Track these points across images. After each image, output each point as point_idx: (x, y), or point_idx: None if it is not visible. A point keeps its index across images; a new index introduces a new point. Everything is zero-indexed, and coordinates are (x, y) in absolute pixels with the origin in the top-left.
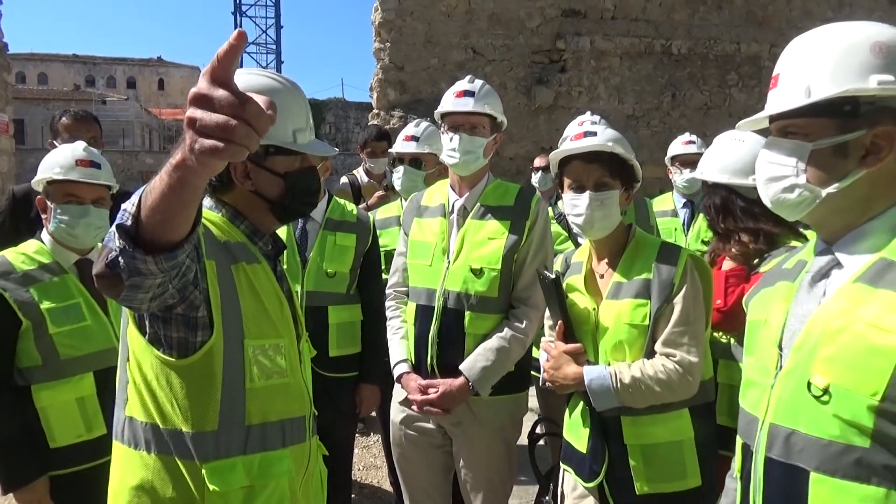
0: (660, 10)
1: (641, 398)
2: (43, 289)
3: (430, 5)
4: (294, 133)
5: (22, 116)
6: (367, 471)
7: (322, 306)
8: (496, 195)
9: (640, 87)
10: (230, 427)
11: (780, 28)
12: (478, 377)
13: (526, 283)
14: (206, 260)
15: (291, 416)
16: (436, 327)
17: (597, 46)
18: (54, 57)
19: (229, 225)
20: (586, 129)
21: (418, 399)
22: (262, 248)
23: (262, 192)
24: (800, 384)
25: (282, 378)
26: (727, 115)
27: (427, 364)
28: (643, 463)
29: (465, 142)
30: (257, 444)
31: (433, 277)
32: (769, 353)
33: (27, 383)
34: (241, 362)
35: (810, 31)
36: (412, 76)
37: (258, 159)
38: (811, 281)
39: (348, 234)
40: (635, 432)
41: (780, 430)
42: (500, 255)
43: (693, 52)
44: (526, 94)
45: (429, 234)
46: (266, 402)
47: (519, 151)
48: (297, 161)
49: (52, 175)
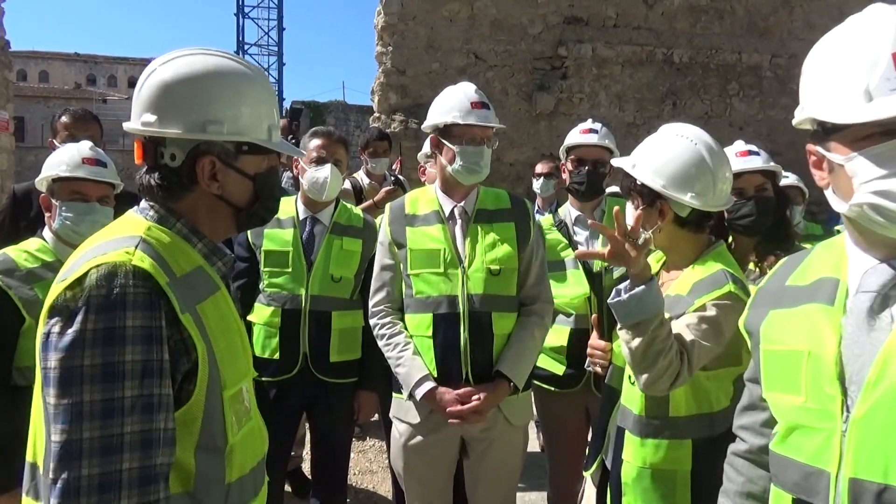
0: (662, 19)
1: (660, 342)
2: (47, 287)
3: (433, 10)
4: (269, 129)
5: (22, 114)
6: (362, 475)
7: (326, 311)
8: (491, 200)
9: (640, 95)
10: (209, 487)
11: (781, 38)
12: (520, 375)
13: (535, 280)
14: (182, 316)
15: (258, 459)
16: (466, 333)
17: (598, 54)
18: (56, 55)
19: (184, 246)
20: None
21: (463, 409)
22: (220, 268)
23: (229, 196)
24: (888, 429)
25: (249, 422)
26: (727, 124)
27: (462, 373)
28: (632, 481)
29: (486, 155)
30: (235, 501)
31: (451, 284)
32: (826, 392)
33: (28, 383)
34: (222, 416)
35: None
36: (414, 80)
37: (229, 158)
38: (874, 305)
39: (355, 238)
40: (633, 451)
41: (867, 487)
42: (515, 254)
43: (694, 61)
44: (527, 101)
45: (430, 241)
46: (243, 453)
47: (519, 157)
48: (265, 161)
49: (58, 172)
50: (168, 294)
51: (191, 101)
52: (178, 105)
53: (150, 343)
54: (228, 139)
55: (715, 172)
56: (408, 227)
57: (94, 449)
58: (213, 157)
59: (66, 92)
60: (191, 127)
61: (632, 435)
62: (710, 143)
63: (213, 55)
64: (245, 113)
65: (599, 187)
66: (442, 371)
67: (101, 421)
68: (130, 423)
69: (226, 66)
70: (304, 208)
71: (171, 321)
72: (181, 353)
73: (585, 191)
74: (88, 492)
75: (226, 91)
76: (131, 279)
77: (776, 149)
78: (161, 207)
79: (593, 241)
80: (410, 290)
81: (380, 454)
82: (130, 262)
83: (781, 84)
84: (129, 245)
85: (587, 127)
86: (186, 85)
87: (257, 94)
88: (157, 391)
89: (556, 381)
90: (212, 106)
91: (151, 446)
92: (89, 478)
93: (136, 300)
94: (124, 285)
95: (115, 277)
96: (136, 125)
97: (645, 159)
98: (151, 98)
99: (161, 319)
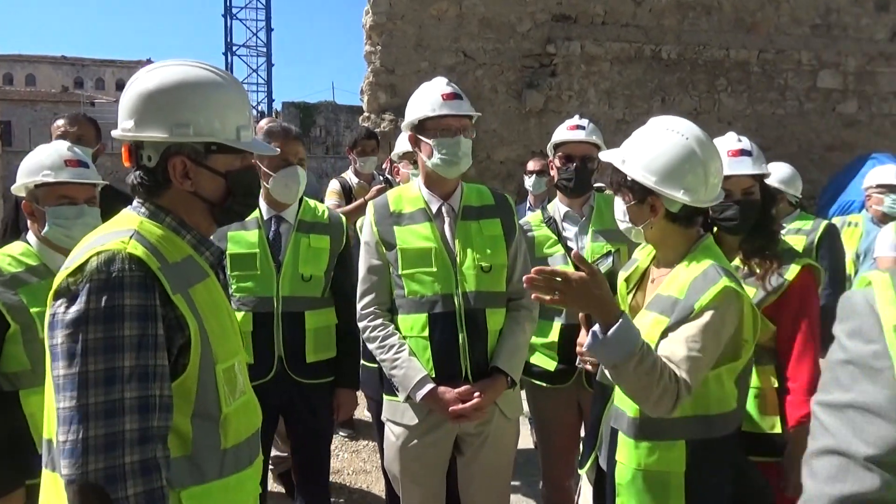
0: (650, 16)
1: (644, 377)
2: (31, 292)
3: (422, 9)
4: (238, 130)
5: (9, 118)
6: (356, 475)
7: (298, 311)
8: (474, 196)
9: (629, 92)
10: (206, 451)
11: (768, 34)
12: (516, 369)
13: (522, 274)
14: (174, 296)
15: (252, 431)
16: (464, 331)
17: (587, 51)
18: (42, 58)
19: (174, 238)
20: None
21: (466, 408)
22: (208, 258)
23: (202, 192)
24: None
25: (243, 395)
26: (716, 119)
27: (461, 371)
28: (626, 482)
29: (464, 145)
30: (231, 466)
31: (445, 283)
32: None
33: (14, 388)
34: (216, 387)
35: None
36: (403, 79)
37: (199, 158)
38: None
39: (322, 235)
40: (627, 453)
41: None
42: (504, 250)
43: (682, 57)
44: (516, 98)
45: (420, 240)
46: (237, 423)
47: (510, 155)
48: (237, 160)
49: (42, 178)
50: (160, 278)
51: (162, 107)
52: (151, 111)
53: (146, 320)
54: (195, 140)
55: (707, 167)
56: (395, 227)
57: (99, 413)
58: (183, 158)
59: (54, 95)
60: (161, 130)
61: (626, 437)
62: (701, 137)
63: (189, 66)
64: (212, 116)
65: (588, 183)
66: (440, 370)
67: (105, 388)
68: (129, 389)
69: (196, 75)
70: (268, 207)
71: (164, 301)
72: (175, 329)
73: (574, 187)
74: (96, 450)
75: (193, 97)
76: (127, 263)
77: (765, 143)
78: (151, 205)
79: (582, 236)
80: (402, 291)
81: (373, 454)
82: (126, 250)
83: (769, 79)
84: (125, 236)
85: (574, 123)
86: (159, 93)
87: (224, 99)
88: (153, 362)
89: (547, 377)
90: (180, 111)
91: (149, 410)
92: (95, 438)
93: (132, 282)
94: (121, 269)
95: (113, 262)
96: (118, 131)
97: (635, 154)
98: (130, 106)
99: (155, 299)
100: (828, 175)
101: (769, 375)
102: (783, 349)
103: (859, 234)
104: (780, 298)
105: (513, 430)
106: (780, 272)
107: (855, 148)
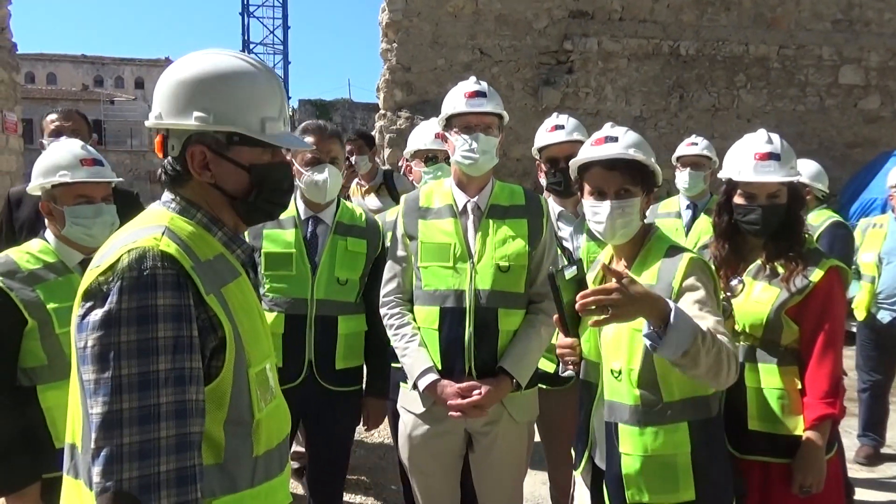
0: (668, 12)
1: (714, 351)
2: (48, 288)
3: (438, 6)
4: (263, 122)
5: (31, 116)
6: (372, 472)
7: (332, 316)
8: (505, 195)
9: (647, 89)
10: (238, 459)
11: (788, 29)
12: (523, 372)
13: (545, 278)
14: (207, 297)
15: (283, 436)
16: (471, 328)
17: (604, 48)
18: (63, 57)
19: (205, 234)
20: (607, 133)
21: (463, 404)
22: (239, 255)
23: (223, 185)
24: None
25: (274, 399)
26: (735, 116)
27: (465, 367)
28: (634, 472)
29: (482, 142)
30: (262, 474)
31: (459, 278)
32: None
33: (32, 383)
34: (249, 392)
35: None
36: (419, 77)
37: (220, 148)
38: None
39: (359, 239)
40: (630, 441)
41: None
42: (526, 251)
43: (701, 53)
44: (533, 95)
45: (441, 235)
46: (269, 429)
47: (526, 152)
48: (267, 154)
49: (59, 178)
50: (192, 276)
51: (186, 95)
52: (175, 99)
53: (180, 320)
54: (215, 129)
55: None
56: (420, 220)
57: (133, 419)
58: (203, 147)
59: (74, 94)
60: (183, 118)
61: (628, 426)
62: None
63: (221, 55)
64: (234, 106)
65: None
66: (445, 364)
67: (139, 393)
68: (165, 394)
69: (226, 64)
70: (305, 208)
71: (197, 301)
72: (209, 331)
73: (564, 189)
74: (130, 458)
75: (218, 86)
76: (160, 261)
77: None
78: (182, 199)
79: (577, 235)
80: (420, 283)
81: (390, 451)
82: (158, 247)
83: (789, 75)
84: (157, 232)
85: (553, 124)
86: (186, 81)
87: (251, 90)
88: (189, 365)
89: (548, 379)
90: (201, 99)
91: (185, 415)
92: (129, 445)
93: (165, 281)
94: (154, 267)
95: (144, 260)
96: (149, 120)
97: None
98: (160, 94)
99: (189, 298)
100: (849, 172)
101: (793, 377)
102: (806, 351)
103: (883, 235)
104: (805, 300)
105: (522, 433)
106: (806, 274)
107: (877, 145)
